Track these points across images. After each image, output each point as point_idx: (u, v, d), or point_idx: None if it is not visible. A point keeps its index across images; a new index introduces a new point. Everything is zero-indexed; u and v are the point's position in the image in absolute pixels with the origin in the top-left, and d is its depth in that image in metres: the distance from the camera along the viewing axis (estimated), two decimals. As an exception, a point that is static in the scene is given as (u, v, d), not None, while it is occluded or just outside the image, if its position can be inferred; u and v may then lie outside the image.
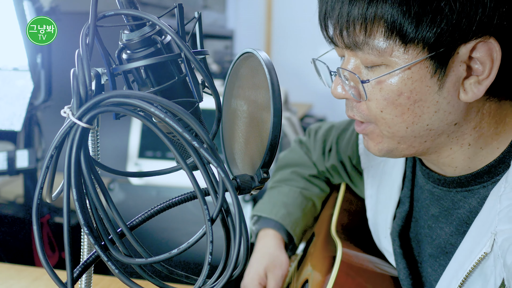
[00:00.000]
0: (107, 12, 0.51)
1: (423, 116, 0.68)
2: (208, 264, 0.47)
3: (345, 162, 1.11)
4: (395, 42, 0.64)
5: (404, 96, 0.67)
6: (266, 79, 0.53)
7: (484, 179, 0.73)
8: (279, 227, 1.11)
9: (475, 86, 0.66)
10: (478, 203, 0.73)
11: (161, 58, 0.52)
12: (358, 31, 0.66)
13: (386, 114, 0.69)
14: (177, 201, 0.52)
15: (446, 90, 0.66)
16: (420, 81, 0.66)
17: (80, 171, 0.49)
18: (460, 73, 0.66)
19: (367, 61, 0.68)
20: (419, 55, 0.64)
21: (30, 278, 1.01)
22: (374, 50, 0.66)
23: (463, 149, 0.72)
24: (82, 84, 0.49)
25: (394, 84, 0.66)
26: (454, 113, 0.68)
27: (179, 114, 0.47)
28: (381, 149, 0.74)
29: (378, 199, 0.94)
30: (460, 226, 0.76)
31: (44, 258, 0.49)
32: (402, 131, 0.70)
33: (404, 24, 0.63)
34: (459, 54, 0.64)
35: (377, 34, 0.65)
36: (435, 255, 0.81)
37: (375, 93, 0.68)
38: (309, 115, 3.52)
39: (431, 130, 0.69)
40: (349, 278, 0.88)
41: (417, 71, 0.65)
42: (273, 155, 0.53)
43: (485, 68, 0.65)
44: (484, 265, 0.66)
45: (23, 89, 1.30)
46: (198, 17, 0.55)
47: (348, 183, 1.14)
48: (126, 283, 0.51)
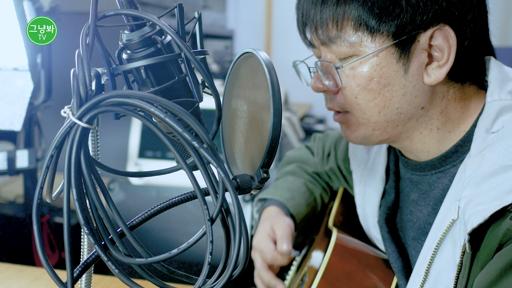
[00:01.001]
0: (107, 12, 0.51)
1: (393, 100, 0.76)
2: (208, 264, 0.47)
3: (341, 166, 1.17)
4: (363, 33, 0.74)
5: (374, 81, 0.75)
6: (266, 79, 0.53)
7: (453, 158, 0.80)
8: (282, 206, 1.13)
9: (436, 70, 0.75)
10: (449, 180, 0.80)
11: (161, 58, 0.52)
12: (330, 27, 0.76)
13: (360, 100, 0.77)
14: (177, 201, 0.52)
15: (411, 74, 0.75)
16: (388, 67, 0.74)
17: (80, 171, 0.49)
18: (423, 60, 0.75)
19: (340, 53, 0.76)
20: (385, 43, 0.74)
21: (30, 278, 1.01)
22: (345, 42, 0.75)
23: (432, 133, 0.80)
24: (82, 84, 0.49)
25: (365, 71, 0.75)
26: (420, 96, 0.76)
27: (179, 114, 0.47)
28: (357, 136, 0.82)
29: (365, 194, 0.99)
30: (436, 205, 0.82)
31: (44, 258, 0.49)
32: (375, 116, 0.77)
33: (369, 19, 0.73)
34: (420, 42, 0.74)
35: (347, 28, 0.75)
36: (417, 237, 0.86)
37: (349, 81, 0.77)
38: (309, 115, 3.51)
39: (401, 114, 0.77)
40: (343, 258, 0.91)
41: (384, 57, 0.74)
42: (273, 155, 0.53)
43: (443, 54, 0.74)
44: (452, 231, 0.71)
45: (23, 89, 1.30)
46: (198, 17, 0.55)
47: (345, 186, 1.17)
48: (126, 283, 0.51)
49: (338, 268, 0.89)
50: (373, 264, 0.92)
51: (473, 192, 0.68)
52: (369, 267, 0.91)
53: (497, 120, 0.74)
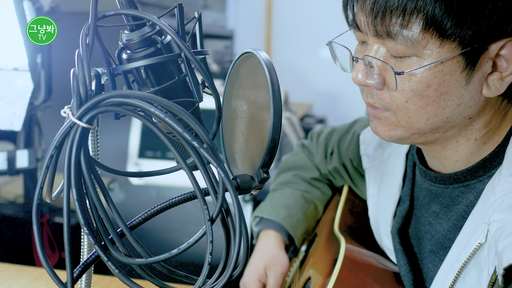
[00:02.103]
0: (107, 12, 0.51)
1: (446, 109, 0.68)
2: (208, 264, 0.47)
3: (346, 164, 1.11)
4: (431, 36, 0.64)
5: (432, 88, 0.67)
6: (266, 79, 0.53)
7: (480, 173, 0.74)
8: (280, 228, 1.11)
9: (498, 82, 0.67)
10: (474, 197, 0.74)
11: (161, 58, 0.52)
12: (394, 20, 0.65)
13: (410, 105, 0.68)
14: (177, 201, 0.52)
15: (472, 84, 0.67)
16: (450, 75, 0.66)
17: (80, 171, 0.49)
18: (486, 69, 0.67)
19: (397, 52, 0.67)
20: (454, 50, 0.64)
21: (30, 278, 1.01)
22: (408, 41, 0.65)
23: (468, 143, 0.74)
24: (82, 84, 0.49)
25: (425, 76, 0.66)
26: (473, 107, 0.69)
27: (179, 114, 0.47)
28: (392, 135, 0.73)
29: (379, 198, 0.95)
30: (458, 221, 0.77)
31: (44, 258, 0.49)
32: (421, 122, 0.70)
33: (444, 20, 0.62)
34: (488, 51, 0.65)
35: (414, 26, 0.64)
36: (435, 251, 0.82)
37: (403, 84, 0.67)
38: (309, 115, 3.51)
39: (448, 122, 0.70)
40: (352, 273, 0.89)
41: (448, 65, 0.65)
42: (273, 155, 0.53)
43: (509, 65, 0.66)
44: (479, 255, 0.67)
45: (23, 89, 1.30)
46: (198, 17, 0.55)
47: (350, 184, 1.14)
48: (126, 283, 0.51)
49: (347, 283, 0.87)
50: (383, 278, 0.90)
51: (505, 217, 0.64)
52: (379, 282, 0.90)
53: None
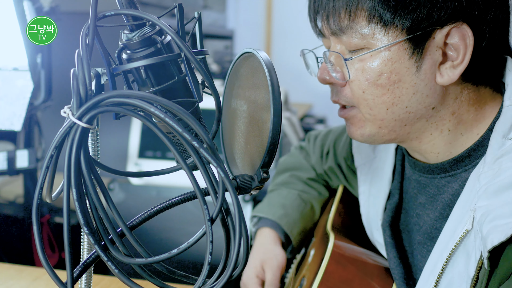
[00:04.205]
0: (107, 12, 0.51)
1: (402, 98, 0.73)
2: (208, 264, 0.47)
3: (341, 164, 1.13)
4: (376, 25, 0.71)
5: (384, 76, 0.72)
6: (266, 79, 0.53)
7: (466, 162, 0.77)
8: (276, 226, 1.11)
9: (450, 70, 0.71)
10: (459, 185, 0.77)
11: (161, 58, 0.52)
12: (342, 16, 0.72)
13: (367, 95, 0.74)
14: (177, 201, 0.52)
15: (423, 72, 0.71)
16: (399, 62, 0.71)
17: (80, 171, 0.49)
18: (437, 58, 0.71)
19: (351, 45, 0.73)
20: (398, 37, 0.70)
21: (30, 278, 1.01)
22: (357, 33, 0.72)
23: (443, 135, 0.77)
24: (82, 84, 0.49)
25: (375, 65, 0.72)
26: (432, 96, 0.73)
27: (179, 114, 0.47)
28: (363, 133, 0.78)
29: (370, 194, 0.97)
30: (444, 210, 0.79)
31: (44, 258, 0.49)
32: (382, 113, 0.74)
33: (383, 11, 0.69)
34: (435, 39, 0.70)
35: (360, 19, 0.71)
36: (423, 242, 0.83)
37: (358, 75, 0.73)
38: (309, 115, 3.51)
39: (410, 113, 0.74)
40: (340, 266, 0.90)
41: (396, 52, 0.71)
42: (273, 155, 0.53)
43: (459, 53, 0.70)
44: (466, 242, 0.69)
45: (23, 89, 1.30)
46: (198, 17, 0.55)
47: (345, 184, 1.15)
48: (126, 283, 0.51)
49: (335, 276, 0.88)
50: (372, 272, 0.91)
51: (490, 202, 0.65)
52: (368, 275, 0.90)
53: None
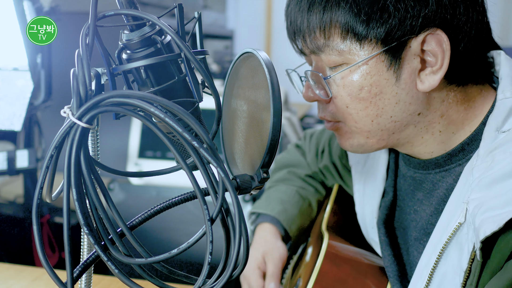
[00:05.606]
0: (107, 12, 0.51)
1: (386, 108, 0.74)
2: (208, 264, 0.47)
3: (336, 163, 1.14)
4: (351, 41, 0.71)
5: (365, 90, 0.73)
6: (266, 79, 0.53)
7: (459, 157, 0.77)
8: (275, 222, 1.12)
9: (430, 76, 0.72)
10: (453, 180, 0.77)
11: (161, 58, 0.52)
12: (318, 35, 0.73)
13: (351, 110, 0.75)
14: (177, 201, 0.52)
15: (403, 81, 0.72)
16: (378, 75, 0.72)
17: (80, 171, 0.49)
18: (415, 66, 0.72)
19: (330, 62, 0.74)
20: (374, 50, 0.71)
21: (30, 278, 1.01)
22: (334, 50, 0.73)
23: (434, 136, 0.77)
24: (82, 84, 0.49)
25: (355, 80, 0.73)
26: (415, 103, 0.74)
27: (179, 114, 0.47)
28: (352, 144, 0.79)
29: (365, 192, 0.97)
30: (439, 205, 0.79)
31: (44, 258, 0.49)
32: (368, 125, 0.75)
33: (356, 25, 0.70)
34: (411, 47, 0.71)
35: (335, 36, 0.72)
36: (419, 238, 0.84)
37: (340, 91, 0.74)
38: (309, 115, 3.51)
39: (396, 122, 0.75)
40: (334, 266, 0.90)
41: (374, 65, 0.72)
42: (273, 155, 0.53)
43: (437, 59, 0.71)
44: (459, 235, 0.69)
45: (23, 89, 1.30)
46: (198, 17, 0.55)
47: (340, 183, 1.16)
48: (126, 283, 0.51)
49: (329, 276, 0.88)
50: (366, 271, 0.91)
51: (483, 195, 0.65)
52: (362, 274, 0.90)
53: (508, 118, 0.71)
